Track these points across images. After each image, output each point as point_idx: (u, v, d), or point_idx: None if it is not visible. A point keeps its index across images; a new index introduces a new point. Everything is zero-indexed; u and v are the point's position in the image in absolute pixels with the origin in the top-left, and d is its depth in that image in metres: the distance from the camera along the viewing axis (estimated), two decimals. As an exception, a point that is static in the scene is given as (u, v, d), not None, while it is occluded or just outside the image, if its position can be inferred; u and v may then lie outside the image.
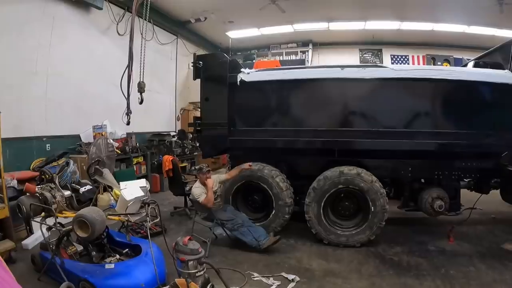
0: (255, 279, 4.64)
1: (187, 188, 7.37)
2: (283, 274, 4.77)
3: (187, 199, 7.58)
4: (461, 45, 14.20)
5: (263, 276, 4.69)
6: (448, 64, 13.74)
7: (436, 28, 12.90)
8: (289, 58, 15.69)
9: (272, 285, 4.47)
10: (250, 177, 6.26)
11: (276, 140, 6.27)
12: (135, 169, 9.35)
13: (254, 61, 14.76)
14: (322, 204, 5.95)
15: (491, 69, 6.25)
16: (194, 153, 12.00)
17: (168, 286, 3.69)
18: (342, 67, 6.11)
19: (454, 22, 12.41)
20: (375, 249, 5.82)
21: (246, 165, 6.13)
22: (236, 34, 14.42)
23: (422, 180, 6.51)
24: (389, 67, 6.28)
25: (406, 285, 4.62)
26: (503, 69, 6.13)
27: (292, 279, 4.62)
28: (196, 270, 3.57)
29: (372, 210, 5.78)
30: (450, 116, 6.06)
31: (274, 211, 6.16)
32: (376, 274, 4.93)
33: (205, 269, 3.68)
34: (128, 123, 6.26)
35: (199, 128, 6.76)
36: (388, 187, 6.41)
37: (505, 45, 6.55)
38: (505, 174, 6.25)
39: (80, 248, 4.61)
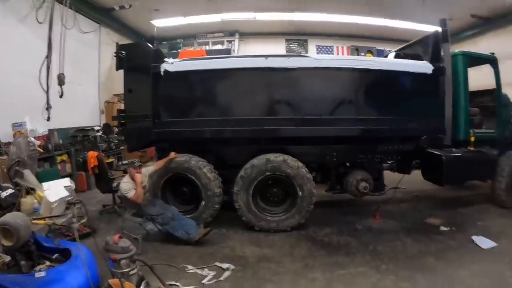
0: (190, 271, 4.66)
1: (115, 184, 7.12)
2: (217, 263, 4.84)
3: (116, 196, 7.32)
4: (384, 38, 15.08)
5: (198, 268, 4.72)
6: (371, 55, 14.50)
7: (360, 21, 13.47)
8: (216, 48, 15.55)
9: (207, 276, 4.51)
10: (177, 169, 6.19)
11: (202, 130, 6.23)
12: (59, 168, 8.82)
13: (179, 50, 14.50)
14: (251, 192, 6.08)
15: (411, 60, 6.74)
16: (121, 148, 11.59)
17: (102, 288, 3.61)
18: (266, 56, 6.19)
19: (378, 16, 13.05)
20: (305, 232, 6.08)
21: (172, 155, 6.09)
22: (161, 22, 13.95)
23: (347, 164, 6.86)
24: (312, 57, 6.52)
25: (337, 263, 4.91)
26: (422, 60, 6.60)
27: (227, 268, 4.71)
28: (129, 269, 3.54)
29: (300, 194, 6.01)
30: (372, 104, 6.44)
31: (203, 202, 6.16)
32: (308, 256, 5.18)
33: (138, 267, 3.65)
34: (48, 119, 5.91)
35: (123, 121, 6.51)
36: (315, 172, 6.67)
37: (424, 38, 7.06)
38: (425, 155, 6.94)
39: (7, 258, 4.31)
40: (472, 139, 6.90)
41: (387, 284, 4.35)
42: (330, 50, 15.52)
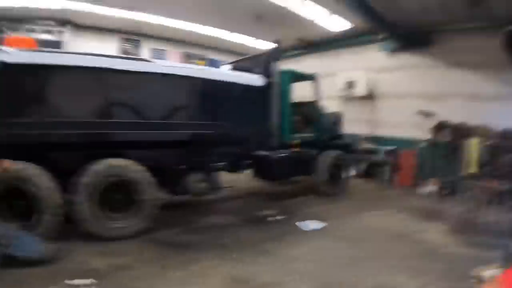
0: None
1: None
2: (68, 281, 4.45)
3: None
4: (216, 47, 16.61)
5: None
6: (204, 62, 15.67)
7: (197, 30, 14.28)
8: (44, 38, 13.55)
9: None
10: (8, 180, 5.24)
11: (33, 134, 5.37)
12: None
13: (5, 35, 12.51)
14: (93, 200, 5.73)
15: (245, 72, 7.89)
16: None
17: None
18: (111, 56, 6.24)
19: (215, 26, 14.05)
20: (154, 235, 6.22)
21: (3, 165, 5.17)
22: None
23: (185, 167, 7.19)
24: (158, 63, 6.80)
25: (190, 260, 5.30)
26: (255, 73, 7.79)
27: (85, 284, 4.40)
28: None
29: (144, 199, 6.15)
30: (208, 111, 7.15)
31: (44, 215, 5.40)
32: (161, 258, 5.37)
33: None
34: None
35: None
36: (155, 175, 6.57)
37: (260, 55, 8.57)
38: (256, 156, 8.16)
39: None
40: (295, 142, 8.50)
41: (238, 270, 5.01)
42: (163, 54, 15.73)
